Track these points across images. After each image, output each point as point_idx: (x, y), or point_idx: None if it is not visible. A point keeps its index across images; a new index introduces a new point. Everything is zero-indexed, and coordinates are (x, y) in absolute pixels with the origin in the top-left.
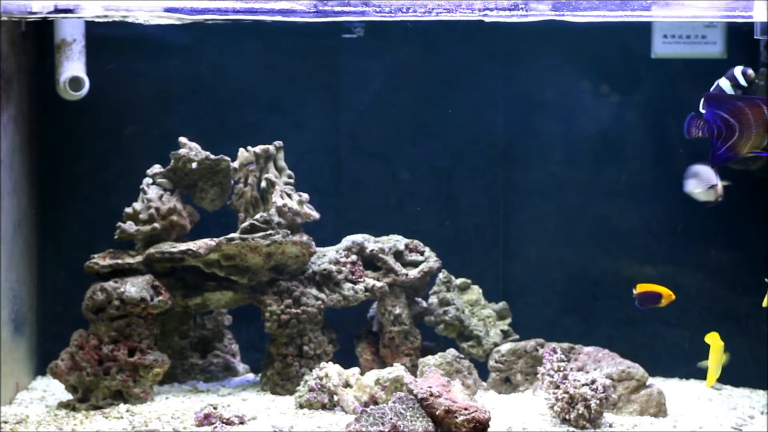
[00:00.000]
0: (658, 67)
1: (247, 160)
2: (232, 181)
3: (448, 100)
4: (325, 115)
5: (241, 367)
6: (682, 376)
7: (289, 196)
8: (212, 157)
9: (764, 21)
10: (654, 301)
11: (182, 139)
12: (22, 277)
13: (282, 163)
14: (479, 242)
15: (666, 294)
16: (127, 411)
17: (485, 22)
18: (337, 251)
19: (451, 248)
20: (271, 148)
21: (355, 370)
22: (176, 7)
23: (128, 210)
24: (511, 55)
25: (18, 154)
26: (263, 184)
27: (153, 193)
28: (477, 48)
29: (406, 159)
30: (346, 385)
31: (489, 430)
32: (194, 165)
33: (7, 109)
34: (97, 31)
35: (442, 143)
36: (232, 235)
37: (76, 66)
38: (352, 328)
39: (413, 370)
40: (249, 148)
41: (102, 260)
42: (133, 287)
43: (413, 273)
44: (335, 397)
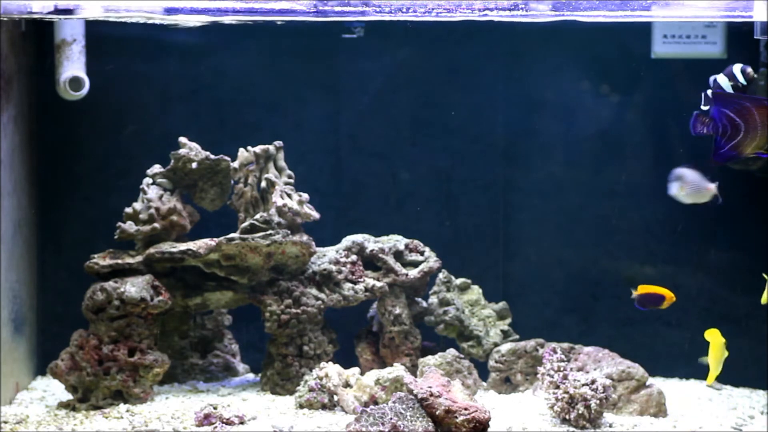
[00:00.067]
0: (658, 67)
1: (247, 160)
2: (232, 181)
3: (448, 100)
4: (325, 115)
5: (241, 367)
6: (682, 376)
7: (289, 196)
8: (212, 157)
9: (764, 21)
10: (655, 302)
11: (182, 139)
12: (22, 277)
13: (282, 163)
14: (479, 242)
15: (668, 296)
16: (127, 411)
17: (485, 22)
18: (337, 251)
19: (451, 248)
20: (271, 148)
21: (355, 370)
22: (176, 7)
23: (128, 210)
24: (511, 55)
25: (18, 154)
26: (263, 184)
27: (153, 193)
28: (477, 48)
29: (406, 159)
30: (346, 385)
31: (489, 430)
32: (194, 165)
33: (7, 109)
34: (97, 31)
35: (442, 143)
36: (232, 235)
37: (76, 66)
38: (352, 328)
39: (413, 370)
40: (249, 148)
41: (102, 260)
42: (133, 287)
43: (413, 273)
44: (335, 397)
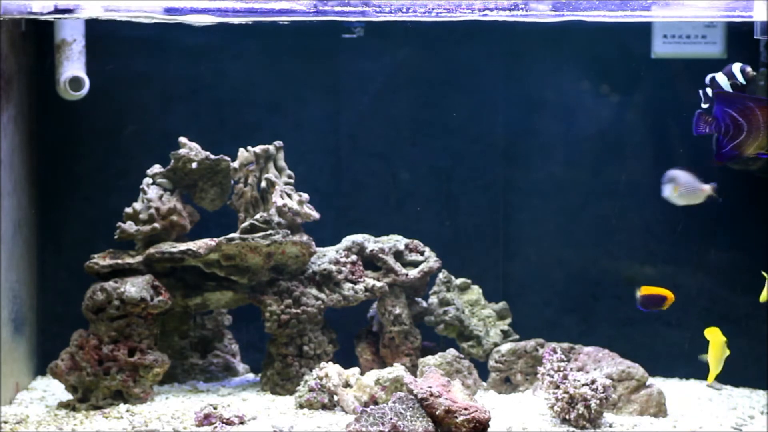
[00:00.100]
0: (658, 67)
1: (247, 160)
2: (232, 181)
3: (448, 100)
4: (325, 115)
5: (241, 367)
6: (682, 376)
7: (289, 196)
8: (212, 157)
9: (764, 21)
10: (657, 303)
11: (182, 139)
12: (22, 277)
13: (282, 163)
14: (479, 242)
15: (669, 297)
16: (127, 411)
17: (485, 22)
18: (337, 251)
19: (451, 248)
20: (271, 148)
21: (355, 370)
22: (176, 7)
23: (128, 210)
24: (511, 55)
25: (18, 154)
26: (263, 184)
27: (153, 193)
28: (477, 48)
29: (406, 159)
30: (346, 385)
31: (489, 430)
32: (194, 165)
33: (7, 109)
34: (97, 31)
35: (442, 143)
36: (232, 235)
37: (76, 66)
38: (352, 328)
39: (413, 370)
40: (249, 148)
41: (102, 260)
42: (133, 287)
43: (413, 273)
44: (335, 397)
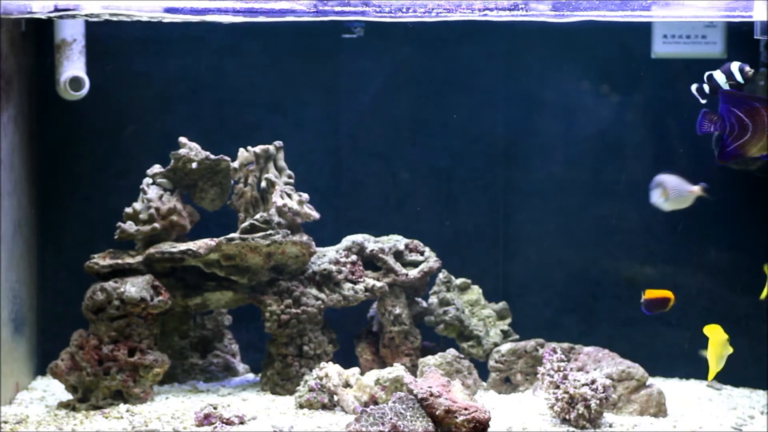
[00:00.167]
0: (658, 67)
1: (247, 160)
2: (232, 181)
3: (448, 100)
4: (325, 115)
5: (241, 367)
6: (682, 376)
7: (289, 196)
8: (212, 157)
9: (764, 21)
10: (662, 306)
11: (182, 139)
12: (22, 277)
13: (282, 163)
14: (479, 242)
15: (672, 298)
16: (127, 411)
17: (485, 22)
18: (337, 251)
19: (451, 248)
20: (271, 148)
21: (355, 370)
22: (176, 7)
23: (128, 210)
24: (511, 55)
25: (18, 154)
26: (263, 184)
27: (153, 193)
28: (477, 48)
29: (406, 159)
30: (346, 385)
31: (489, 430)
32: (194, 165)
33: (7, 109)
34: (97, 31)
35: (442, 143)
36: (232, 235)
37: (76, 66)
38: (352, 328)
39: (413, 370)
40: (249, 148)
41: (102, 260)
42: (133, 287)
43: (413, 273)
44: (335, 397)
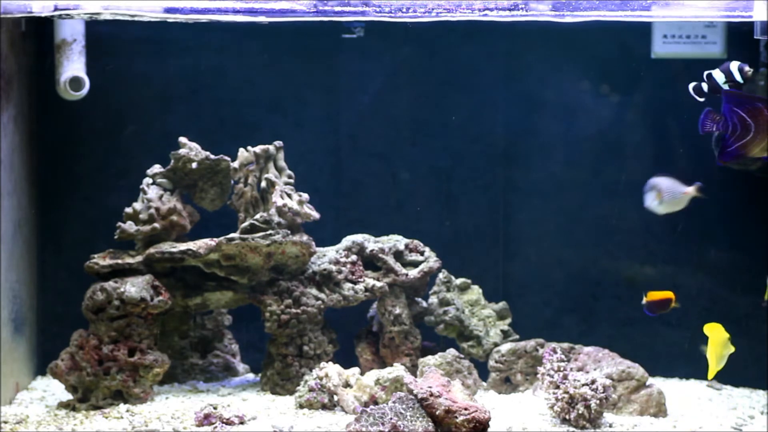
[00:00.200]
0: (658, 67)
1: (247, 160)
2: (232, 181)
3: (448, 100)
4: (325, 115)
5: (241, 367)
6: (682, 376)
7: (289, 196)
8: (212, 157)
9: (764, 21)
10: (664, 307)
11: (182, 139)
12: (22, 277)
13: (282, 163)
14: (479, 242)
15: (673, 298)
16: (127, 411)
17: (485, 22)
18: (337, 251)
19: (451, 248)
20: (271, 148)
21: (355, 370)
22: (176, 7)
23: (128, 210)
24: (511, 55)
25: (18, 154)
26: (263, 184)
27: (153, 193)
28: (477, 48)
29: (406, 159)
30: (346, 385)
31: (489, 430)
32: (194, 165)
33: (7, 109)
34: (97, 31)
35: (442, 143)
36: (232, 235)
37: (76, 66)
38: (352, 328)
39: (413, 370)
40: (249, 148)
41: (102, 260)
42: (133, 287)
43: (413, 273)
44: (335, 397)
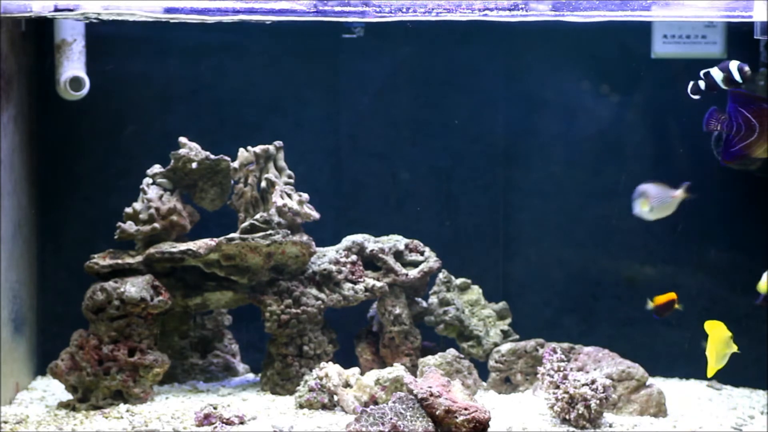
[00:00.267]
0: (658, 67)
1: (247, 160)
2: (232, 181)
3: (448, 100)
4: (325, 115)
5: (241, 367)
6: (682, 376)
7: (289, 196)
8: (212, 157)
9: (764, 21)
10: (669, 308)
11: (182, 139)
12: (22, 277)
13: (282, 163)
14: (479, 242)
15: (675, 297)
16: (127, 411)
17: (485, 22)
18: (337, 251)
19: (451, 248)
20: (271, 148)
21: (355, 370)
22: (176, 7)
23: (128, 210)
24: (511, 55)
25: (18, 154)
26: (263, 184)
27: (153, 193)
28: (477, 48)
29: (406, 159)
30: (346, 385)
31: (489, 430)
32: (194, 165)
33: (7, 109)
34: (97, 31)
35: (442, 143)
36: (232, 235)
37: (76, 66)
38: (352, 328)
39: (413, 370)
40: (249, 148)
41: (102, 260)
42: (133, 287)
43: (413, 273)
44: (335, 397)
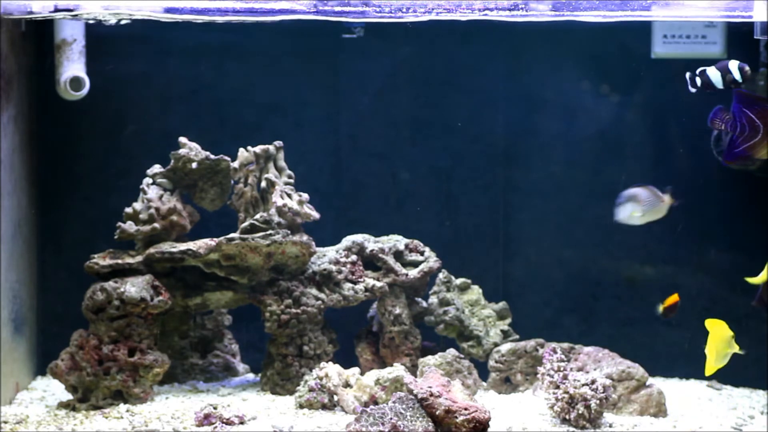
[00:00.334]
0: (658, 67)
1: (247, 160)
2: (232, 181)
3: (448, 100)
4: (325, 115)
5: (241, 367)
6: (682, 376)
7: (289, 196)
8: (212, 157)
9: (764, 21)
10: (675, 309)
11: (182, 139)
12: (22, 277)
13: (282, 163)
14: (479, 242)
15: (677, 299)
16: (127, 411)
17: (485, 22)
18: (337, 251)
19: (451, 248)
20: (271, 148)
21: (355, 370)
22: (176, 7)
23: (128, 210)
24: (511, 55)
25: (18, 154)
26: (263, 184)
27: (153, 193)
28: (477, 48)
29: (406, 159)
30: (346, 385)
31: (489, 430)
32: (194, 165)
33: (7, 109)
34: (97, 31)
35: (442, 143)
36: (232, 235)
37: (76, 66)
38: (352, 328)
39: (413, 370)
40: (249, 148)
41: (102, 260)
42: (133, 287)
43: (413, 273)
44: (335, 397)
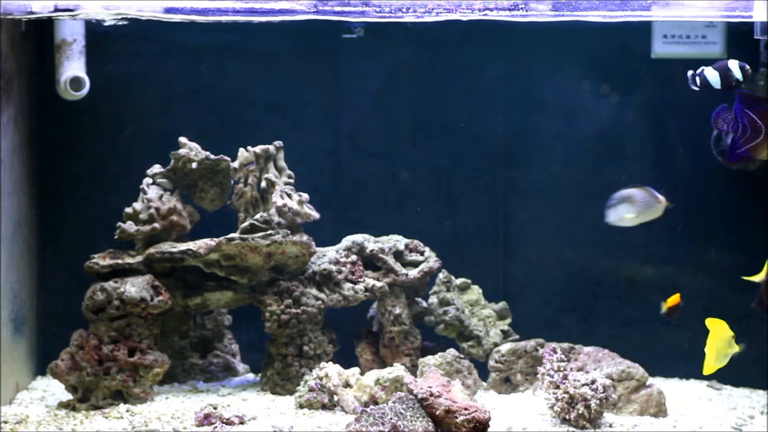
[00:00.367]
0: (658, 67)
1: (247, 160)
2: (232, 181)
3: (448, 100)
4: (325, 115)
5: (241, 367)
6: (682, 376)
7: (289, 196)
8: (212, 157)
9: (764, 21)
10: (677, 309)
11: (182, 139)
12: (22, 277)
13: (282, 163)
14: (479, 242)
15: (678, 299)
16: (127, 411)
17: (485, 22)
18: (337, 251)
19: (451, 248)
20: (271, 148)
21: (355, 370)
22: (176, 7)
23: (128, 210)
24: (511, 55)
25: (18, 154)
26: (263, 184)
27: (153, 193)
28: (477, 48)
29: (406, 159)
30: (346, 385)
31: (489, 430)
32: (194, 165)
33: (7, 109)
34: (97, 31)
35: (442, 143)
36: (232, 235)
37: (76, 66)
38: (352, 328)
39: (413, 370)
40: (249, 148)
41: (102, 260)
42: (133, 287)
43: (413, 273)
44: (335, 397)
